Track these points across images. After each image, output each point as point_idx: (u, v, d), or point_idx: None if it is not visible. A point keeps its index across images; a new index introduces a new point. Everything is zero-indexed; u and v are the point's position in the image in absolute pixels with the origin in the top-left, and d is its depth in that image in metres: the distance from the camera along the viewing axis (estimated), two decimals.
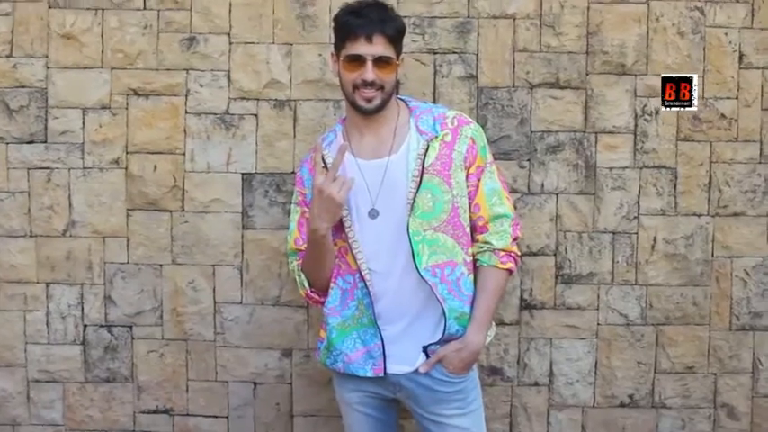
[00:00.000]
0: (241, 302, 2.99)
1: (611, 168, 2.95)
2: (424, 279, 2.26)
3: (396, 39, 2.26)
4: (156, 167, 2.94)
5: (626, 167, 2.95)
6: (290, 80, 2.92)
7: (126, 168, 2.95)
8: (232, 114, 2.93)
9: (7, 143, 2.94)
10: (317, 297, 2.43)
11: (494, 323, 2.48)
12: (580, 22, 2.90)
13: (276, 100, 2.93)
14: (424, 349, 2.31)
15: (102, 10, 2.89)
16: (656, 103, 2.93)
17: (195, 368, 3.02)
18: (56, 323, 2.99)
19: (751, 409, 3.04)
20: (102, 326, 3.00)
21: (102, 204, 2.95)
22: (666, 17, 2.91)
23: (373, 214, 2.30)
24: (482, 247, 2.35)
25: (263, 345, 3.00)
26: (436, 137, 2.30)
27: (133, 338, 3.00)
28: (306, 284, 2.42)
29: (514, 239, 2.36)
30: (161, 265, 2.98)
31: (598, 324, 2.99)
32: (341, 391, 2.45)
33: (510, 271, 2.36)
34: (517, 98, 2.93)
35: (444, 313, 2.27)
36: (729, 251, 2.99)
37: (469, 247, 2.35)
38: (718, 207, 2.97)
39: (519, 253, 2.39)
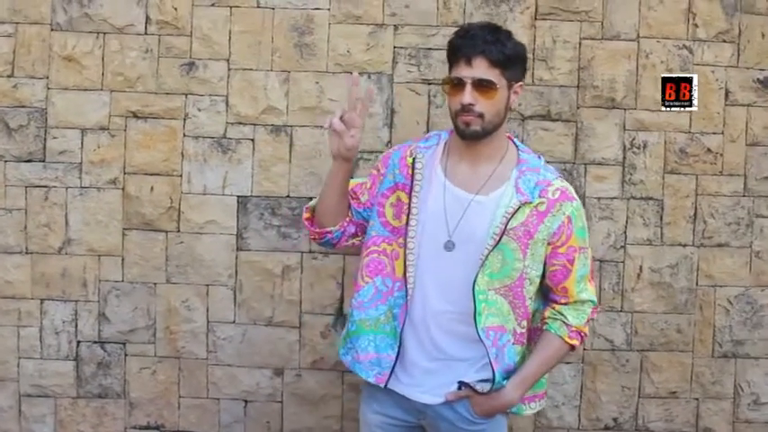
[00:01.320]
0: (234, 322, 3.02)
1: (599, 198, 3.00)
2: (481, 340, 2.20)
3: (502, 63, 2.15)
4: (152, 188, 2.97)
5: (614, 198, 3.00)
6: (287, 106, 2.95)
7: (123, 189, 2.97)
8: (229, 138, 2.97)
9: (6, 161, 2.96)
10: (306, 217, 2.41)
11: (545, 397, 2.46)
12: (572, 57, 2.95)
13: (273, 125, 2.96)
14: (460, 384, 2.26)
15: (104, 33, 2.92)
16: (644, 136, 2.99)
17: (187, 385, 3.04)
18: (49, 339, 3.01)
19: None
20: (95, 342, 3.02)
21: (98, 223, 2.98)
22: (655, 54, 2.96)
23: (449, 246, 2.21)
24: (555, 315, 2.29)
25: (255, 364, 3.03)
26: (530, 202, 2.19)
27: (126, 355, 3.03)
28: (311, 203, 2.42)
29: (588, 321, 2.31)
30: (155, 284, 3.01)
31: (584, 349, 3.03)
32: (365, 410, 2.40)
33: (573, 347, 2.31)
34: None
35: (494, 375, 2.22)
36: (713, 280, 3.05)
37: (524, 319, 2.28)
38: (703, 238, 3.03)
39: (588, 334, 2.35)
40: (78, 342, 3.02)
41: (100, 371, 3.03)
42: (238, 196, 2.98)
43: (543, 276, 2.30)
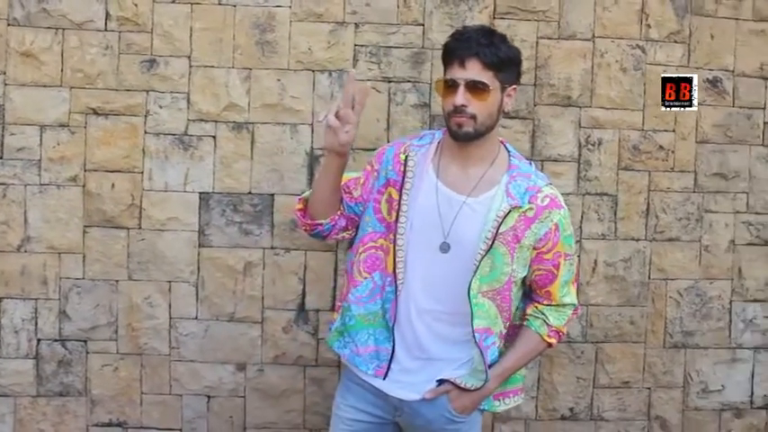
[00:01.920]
0: (196, 318, 3.02)
1: None
2: (476, 341, 2.23)
3: (496, 66, 2.16)
4: (113, 185, 2.96)
5: (570, 194, 3.05)
6: (249, 104, 2.96)
7: (84, 186, 2.95)
8: (191, 135, 2.96)
9: None
10: (298, 208, 2.38)
11: (523, 395, 2.50)
12: (529, 56, 3.00)
13: (234, 122, 2.97)
14: (439, 381, 2.29)
15: (63, 29, 2.89)
16: (599, 133, 3.06)
17: (149, 382, 3.04)
18: (8, 337, 2.98)
19: (681, 422, 3.20)
20: (56, 340, 3.00)
21: (58, 221, 2.96)
22: (610, 54, 3.04)
23: (445, 248, 2.23)
24: (537, 314, 2.34)
25: (218, 359, 3.04)
26: (519, 207, 2.21)
27: (87, 353, 3.01)
28: (305, 194, 2.40)
29: (568, 322, 2.37)
30: (117, 281, 2.99)
31: None
32: (339, 402, 2.41)
33: (550, 345, 2.36)
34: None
35: (486, 375, 2.26)
36: (664, 274, 3.13)
37: (507, 321, 2.31)
38: (655, 233, 3.12)
39: (566, 333, 2.39)
40: (39, 340, 3.00)
41: (61, 369, 3.01)
42: (200, 193, 2.99)
43: (525, 277, 2.33)
